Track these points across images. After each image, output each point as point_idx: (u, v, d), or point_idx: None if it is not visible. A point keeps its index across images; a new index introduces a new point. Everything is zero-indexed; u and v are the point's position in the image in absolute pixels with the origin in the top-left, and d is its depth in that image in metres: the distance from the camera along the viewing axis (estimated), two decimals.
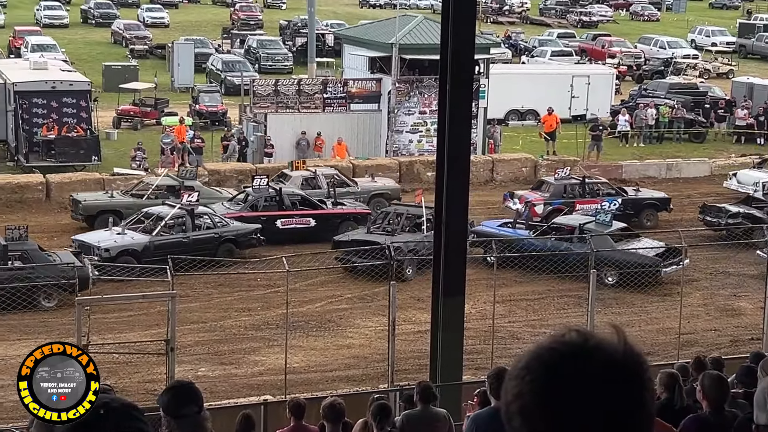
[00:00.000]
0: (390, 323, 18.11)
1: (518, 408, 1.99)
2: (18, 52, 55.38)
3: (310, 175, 31.65)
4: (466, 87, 15.81)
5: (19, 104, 36.04)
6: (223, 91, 48.75)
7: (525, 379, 2.00)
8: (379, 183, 33.43)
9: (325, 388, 18.69)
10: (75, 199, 29.72)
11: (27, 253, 23.47)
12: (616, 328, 2.07)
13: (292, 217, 28.93)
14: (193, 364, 20.12)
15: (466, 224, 15.87)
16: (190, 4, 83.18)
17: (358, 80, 39.75)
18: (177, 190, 29.60)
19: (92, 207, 29.13)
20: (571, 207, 30.59)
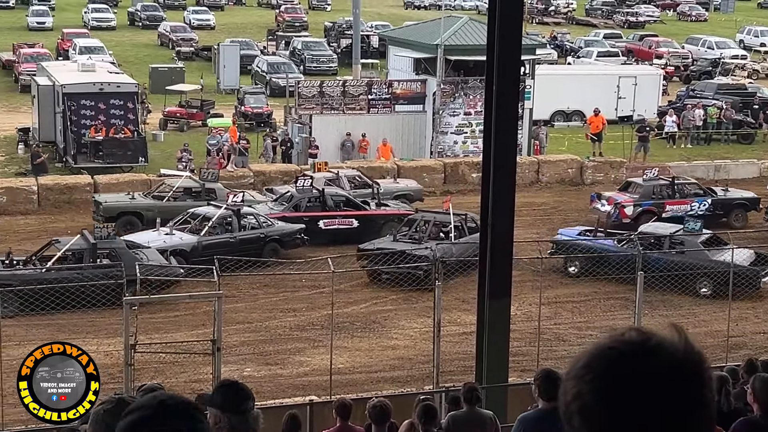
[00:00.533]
0: (435, 324, 18.07)
1: (578, 408, 1.97)
2: (66, 54, 55.97)
3: (332, 176, 31.63)
4: (512, 88, 15.74)
5: (67, 106, 36.40)
6: (269, 92, 48.94)
7: (585, 379, 1.97)
8: (401, 184, 33.34)
9: (370, 389, 18.68)
10: (96, 200, 29.82)
11: (115, 251, 23.73)
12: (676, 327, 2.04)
13: (334, 217, 28.96)
14: (238, 364, 20.20)
15: (512, 226, 15.78)
16: (236, 6, 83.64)
17: (403, 81, 39.74)
18: (198, 192, 29.71)
19: (113, 208, 29.22)
20: (661, 208, 30.34)
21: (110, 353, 20.19)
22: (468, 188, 34.96)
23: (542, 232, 29.63)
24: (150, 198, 29.74)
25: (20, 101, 47.27)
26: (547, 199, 34.80)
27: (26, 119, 41.33)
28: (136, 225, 28.45)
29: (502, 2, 15.09)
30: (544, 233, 29.56)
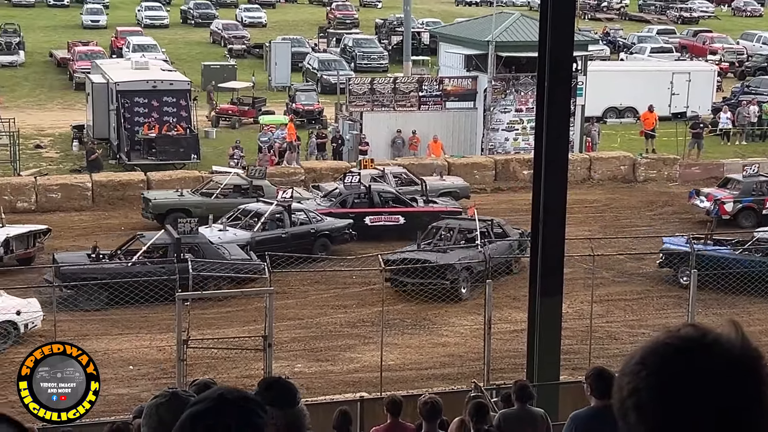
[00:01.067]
0: (486, 322, 18.02)
1: (633, 404, 1.96)
2: (120, 52, 56.54)
3: (378, 173, 31.62)
4: (564, 85, 15.64)
5: (121, 103, 36.76)
6: (320, 89, 49.10)
7: (641, 375, 1.96)
8: (447, 181, 33.22)
9: (421, 386, 18.67)
10: (145, 197, 30.07)
11: (198, 246, 23.99)
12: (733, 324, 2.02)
13: (381, 214, 28.97)
14: (289, 360, 20.29)
15: (563, 223, 15.68)
16: (287, 4, 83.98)
17: (454, 78, 39.67)
18: (245, 189, 29.84)
19: (162, 205, 29.44)
20: (761, 205, 29.99)
21: (163, 348, 20.38)
22: (519, 185, 34.83)
23: (594, 230, 29.45)
24: (198, 195, 29.94)
25: (75, 99, 47.84)
26: (599, 196, 34.56)
27: (81, 117, 41.81)
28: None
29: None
30: (596, 231, 29.37)
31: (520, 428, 10.79)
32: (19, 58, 57.54)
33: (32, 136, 40.68)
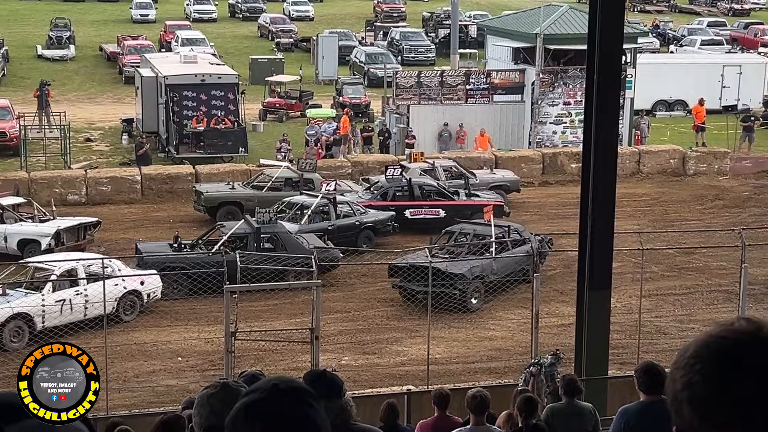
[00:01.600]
0: (533, 316, 17.95)
1: (688, 397, 1.95)
2: (169, 46, 56.94)
3: (428, 166, 31.57)
4: (613, 77, 15.53)
5: (170, 97, 37.03)
6: (367, 83, 49.14)
7: (695, 368, 1.95)
8: (498, 175, 33.08)
9: (468, 379, 18.65)
10: (197, 190, 30.23)
11: (277, 236, 24.24)
12: None
13: (421, 207, 28.95)
14: (336, 353, 20.34)
15: (612, 217, 15.59)
16: None
17: (502, 71, 39.53)
18: (296, 182, 29.98)
19: (214, 198, 29.62)
20: None
21: (211, 340, 20.52)
22: (567, 179, 34.64)
23: (643, 224, 29.22)
24: (249, 188, 30.10)
25: (124, 92, 48.26)
26: (648, 190, 34.29)
27: (130, 110, 42.18)
28: (237, 215, 28.83)
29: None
30: (645, 224, 29.15)
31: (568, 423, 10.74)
32: (70, 52, 58.15)
33: (82, 130, 41.11)
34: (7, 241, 25.68)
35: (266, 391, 2.09)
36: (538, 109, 37.95)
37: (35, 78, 47.72)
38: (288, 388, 2.10)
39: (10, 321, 20.53)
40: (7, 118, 37.94)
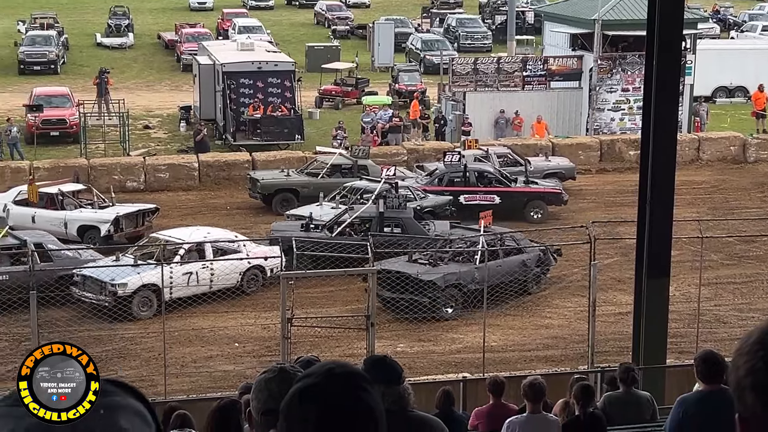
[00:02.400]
0: (590, 304, 17.83)
1: (751, 383, 1.91)
2: (226, 33, 57.27)
3: (482, 154, 31.44)
4: (673, 63, 15.34)
5: (227, 84, 37.24)
6: (422, 70, 49.02)
7: (758, 354, 1.91)
8: (552, 162, 32.81)
9: (523, 367, 18.59)
10: (252, 177, 30.38)
11: (402, 221, 24.53)
12: None
13: (476, 193, 28.86)
14: (392, 340, 20.36)
15: (671, 204, 15.41)
16: None
17: (559, 58, 39.22)
18: (349, 168, 30.04)
19: (270, 185, 29.79)
20: None
21: (267, 326, 20.65)
22: (625, 166, 34.33)
23: (702, 212, 28.88)
24: (304, 175, 30.22)
25: (182, 80, 48.64)
26: (707, 177, 33.87)
27: (188, 98, 42.50)
28: (292, 201, 28.99)
29: None
30: (704, 212, 28.81)
31: (625, 411, 10.66)
32: (129, 40, 58.72)
33: (141, 117, 41.50)
34: (67, 227, 26.03)
35: (321, 376, 2.08)
36: (595, 96, 37.61)
37: (94, 66, 48.26)
38: (343, 372, 2.10)
39: (140, 291, 21.67)
40: (67, 106, 38.42)
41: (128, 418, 1.88)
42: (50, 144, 36.70)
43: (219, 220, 28.13)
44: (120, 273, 21.61)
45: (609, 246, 24.76)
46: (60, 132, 37.34)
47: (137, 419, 1.89)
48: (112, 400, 1.90)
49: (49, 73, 49.77)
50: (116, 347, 20.19)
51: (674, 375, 15.40)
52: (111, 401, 1.89)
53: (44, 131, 36.81)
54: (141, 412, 1.90)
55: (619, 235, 24.52)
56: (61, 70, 51.17)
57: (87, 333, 20.72)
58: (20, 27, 59.32)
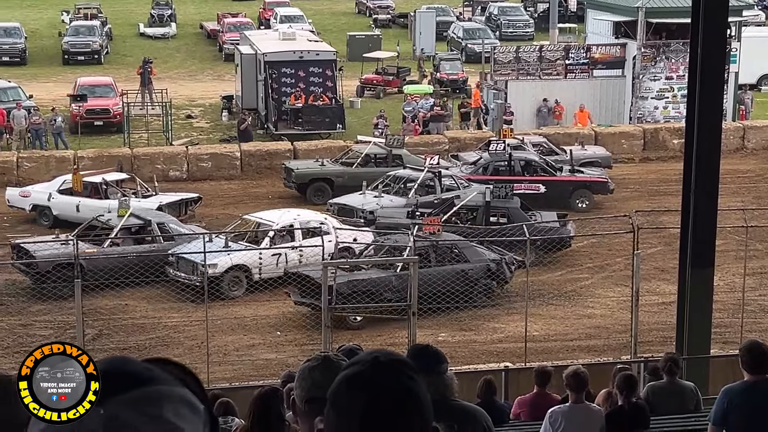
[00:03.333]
0: (633, 294, 17.71)
1: None
2: (267, 23, 57.39)
3: (517, 143, 31.26)
4: (717, 51, 15.18)
5: (268, 74, 37.33)
6: (464, 58, 48.87)
7: None
8: (589, 151, 32.52)
9: (565, 357, 18.51)
10: (287, 167, 30.41)
11: (508, 210, 24.60)
12: None
13: (521, 182, 28.74)
14: (433, 329, 20.34)
15: (716, 193, 15.26)
16: None
17: (602, 46, 38.93)
18: (384, 158, 30.00)
19: (304, 175, 29.82)
20: None
21: (309, 315, 20.70)
22: (668, 155, 34.05)
23: (747, 201, 28.58)
24: (339, 165, 30.27)
25: (224, 69, 48.83)
26: (752, 166, 33.51)
27: (230, 87, 42.65)
28: (326, 191, 29.05)
29: None
30: (749, 201, 28.51)
31: (668, 401, 10.59)
32: (171, 30, 59.03)
33: (184, 107, 41.73)
34: None
35: (367, 364, 2.08)
36: (639, 84, 37.31)
37: (137, 56, 48.56)
38: (389, 360, 2.09)
39: (230, 271, 22.14)
40: (110, 96, 38.70)
41: (174, 409, 1.78)
42: (94, 133, 36.99)
43: (261, 209, 28.19)
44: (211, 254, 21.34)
45: (652, 235, 24.55)
46: (104, 122, 37.62)
47: (185, 408, 1.80)
48: (156, 390, 1.79)
49: (92, 63, 50.15)
50: (160, 335, 20.34)
51: (718, 365, 15.27)
52: (155, 391, 1.79)
53: (88, 121, 37.10)
54: (188, 399, 1.81)
55: (663, 225, 24.32)
56: (104, 60, 51.54)
57: (131, 321, 20.90)
58: (64, 17, 59.82)
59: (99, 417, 1.73)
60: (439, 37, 53.28)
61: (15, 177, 30.95)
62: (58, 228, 25.43)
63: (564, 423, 9.25)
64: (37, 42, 54.59)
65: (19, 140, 34.76)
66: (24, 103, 36.04)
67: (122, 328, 20.51)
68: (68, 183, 27.23)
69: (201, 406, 1.82)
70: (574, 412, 9.33)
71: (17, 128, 34.82)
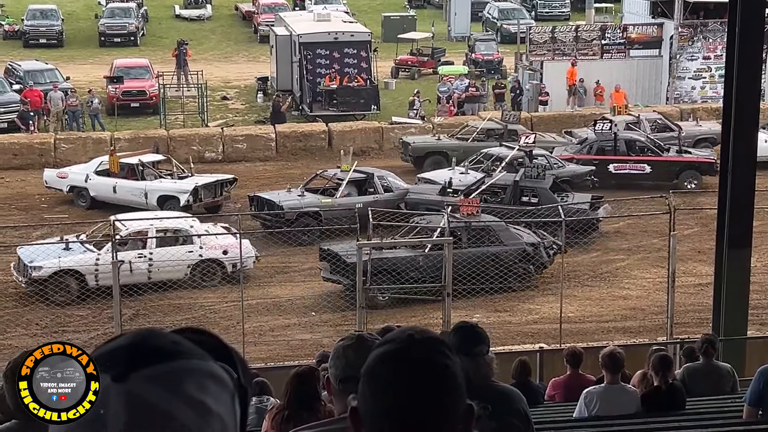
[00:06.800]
0: (669, 275, 17.61)
1: None
2: (302, 4, 57.35)
3: (633, 119, 31.12)
4: (756, 31, 15.02)
5: (303, 55, 37.35)
6: (499, 39, 48.64)
7: None
8: (704, 127, 32.11)
9: (601, 338, 18.44)
10: (405, 141, 31.20)
11: (536, 190, 24.55)
12: None
13: (625, 162, 28.54)
14: (468, 310, 20.32)
15: (753, 173, 15.13)
16: None
17: (639, 25, 38.62)
18: (500, 133, 30.26)
19: (421, 149, 30.52)
20: None
21: (344, 296, 20.76)
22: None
23: None
24: (455, 139, 30.76)
25: (259, 51, 48.87)
26: None
27: (265, 69, 42.70)
28: (442, 164, 29.30)
29: None
30: None
31: (705, 383, 10.54)
32: (207, 11, 59.12)
33: (219, 88, 41.84)
34: (147, 197, 26.40)
35: (402, 341, 2.08)
36: (676, 64, 37.00)
37: (173, 37, 48.70)
38: (423, 338, 2.09)
39: (57, 276, 20.49)
40: (146, 78, 38.88)
41: (198, 383, 1.71)
42: (130, 115, 37.20)
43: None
44: (41, 254, 20.54)
45: (689, 216, 24.41)
46: (140, 103, 37.80)
47: (210, 382, 1.72)
48: (180, 364, 1.72)
49: (128, 45, 50.37)
50: (196, 315, 20.47)
51: (755, 347, 15.19)
52: (179, 366, 1.71)
53: (125, 102, 37.32)
54: (214, 372, 1.74)
55: (700, 206, 24.17)
56: (140, 42, 51.73)
57: (167, 302, 21.04)
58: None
59: (121, 393, 1.69)
60: (474, 17, 53.05)
61: (52, 158, 31.22)
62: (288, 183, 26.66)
63: (599, 403, 9.23)
64: (73, 24, 54.87)
65: (56, 122, 35.01)
66: (61, 85, 36.29)
67: (159, 308, 20.66)
68: (105, 164, 27.42)
69: (229, 379, 1.76)
70: (610, 393, 9.31)
71: (54, 110, 35.08)
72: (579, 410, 9.41)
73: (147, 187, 26.57)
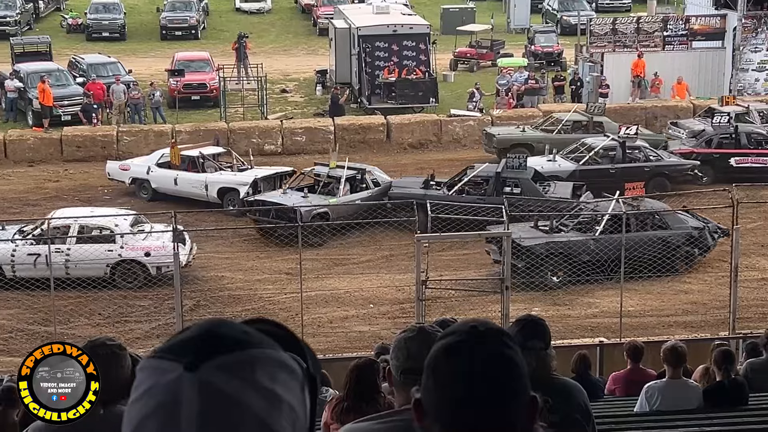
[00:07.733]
0: (732, 270, 17.39)
1: None
2: None
3: (742, 110, 30.76)
4: None
5: (362, 48, 37.38)
6: (559, 31, 48.29)
7: None
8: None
9: (661, 333, 18.28)
10: (488, 132, 31.33)
11: (519, 181, 24.59)
12: None
13: (747, 155, 28.24)
14: (526, 303, 20.24)
15: None
16: None
17: (701, 17, 38.12)
18: (585, 125, 30.26)
19: (506, 140, 30.59)
20: None
21: (402, 288, 20.78)
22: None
23: None
24: (539, 131, 30.77)
25: (318, 44, 49.02)
26: None
27: (323, 62, 42.82)
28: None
29: None
30: None
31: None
32: (266, 4, 59.40)
33: (278, 81, 42.03)
34: (207, 189, 26.64)
35: (465, 333, 2.08)
36: (739, 56, 36.47)
37: (233, 30, 49.02)
38: (486, 330, 2.09)
39: None
40: (207, 70, 39.17)
41: (269, 373, 1.71)
42: (191, 108, 37.52)
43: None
44: None
45: (752, 210, 24.08)
46: (201, 96, 38.10)
47: (281, 372, 1.72)
48: (251, 353, 1.71)
49: (189, 38, 50.79)
50: (255, 306, 20.62)
51: None
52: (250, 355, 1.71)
53: (185, 95, 37.64)
54: (285, 362, 1.74)
55: (763, 199, 23.83)
56: (201, 35, 52.14)
57: (227, 293, 21.22)
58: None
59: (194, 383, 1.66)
60: (534, 9, 52.72)
61: (115, 151, 31.62)
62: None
63: (661, 398, 9.15)
64: (135, 18, 55.45)
65: (118, 114, 35.43)
66: (123, 78, 36.69)
67: (219, 299, 20.85)
68: (166, 156, 27.71)
69: (299, 368, 1.76)
70: (671, 388, 9.22)
71: (116, 103, 35.50)
72: (640, 405, 9.33)
73: (207, 179, 26.80)
